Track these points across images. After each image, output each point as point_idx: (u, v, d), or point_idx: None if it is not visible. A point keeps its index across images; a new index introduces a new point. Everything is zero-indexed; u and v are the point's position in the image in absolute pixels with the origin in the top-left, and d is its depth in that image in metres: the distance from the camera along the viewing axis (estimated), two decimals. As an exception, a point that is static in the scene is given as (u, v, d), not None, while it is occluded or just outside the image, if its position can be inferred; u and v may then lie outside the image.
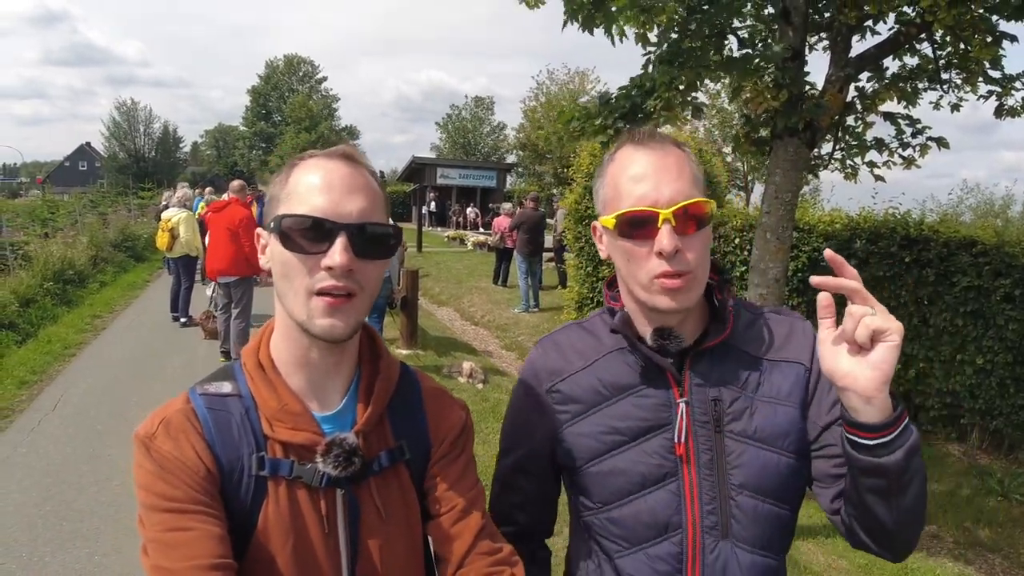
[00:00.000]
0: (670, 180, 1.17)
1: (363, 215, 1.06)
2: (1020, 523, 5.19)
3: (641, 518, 1.23)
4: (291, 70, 64.96)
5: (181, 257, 10.12)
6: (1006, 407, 6.16)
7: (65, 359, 8.20)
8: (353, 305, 1.06)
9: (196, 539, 0.98)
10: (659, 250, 1.14)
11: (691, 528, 1.21)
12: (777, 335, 1.29)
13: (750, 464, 1.21)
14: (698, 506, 1.21)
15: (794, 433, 1.23)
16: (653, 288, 1.18)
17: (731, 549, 1.21)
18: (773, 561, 1.25)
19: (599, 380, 1.29)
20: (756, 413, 1.23)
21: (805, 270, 7.19)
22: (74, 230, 15.88)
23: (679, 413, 1.22)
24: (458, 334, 10.97)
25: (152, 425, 1.07)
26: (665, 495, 1.22)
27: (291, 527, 1.07)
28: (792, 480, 1.23)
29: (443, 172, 35.47)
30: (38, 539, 4.10)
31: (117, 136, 62.74)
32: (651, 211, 1.15)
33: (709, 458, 1.22)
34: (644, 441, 1.24)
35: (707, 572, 1.21)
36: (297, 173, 1.10)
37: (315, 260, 1.03)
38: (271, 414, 1.09)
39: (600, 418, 1.27)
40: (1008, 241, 6.18)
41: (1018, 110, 4.18)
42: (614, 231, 1.20)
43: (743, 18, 4.23)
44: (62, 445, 5.53)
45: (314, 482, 1.08)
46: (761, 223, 4.20)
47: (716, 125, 29.97)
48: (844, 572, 4.22)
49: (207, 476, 1.04)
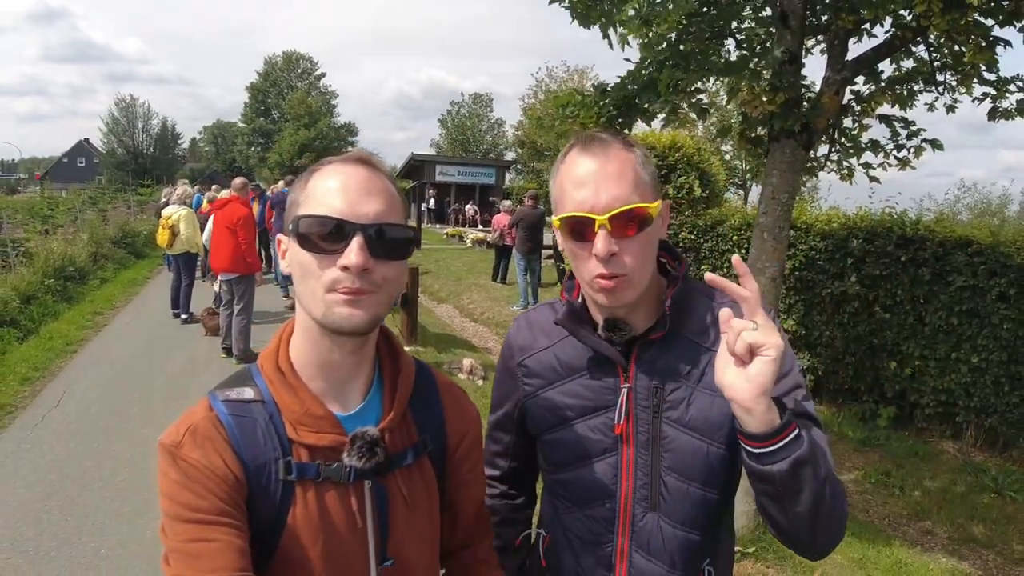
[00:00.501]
0: (608, 187, 1.23)
1: (379, 216, 1.08)
2: (1014, 520, 5.23)
3: (582, 483, 1.38)
4: (290, 67, 64.87)
5: (182, 254, 10.16)
6: (1001, 405, 6.20)
7: (67, 356, 8.25)
8: (373, 298, 1.08)
9: (219, 550, 0.99)
10: (595, 253, 1.22)
11: (623, 498, 1.35)
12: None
13: (680, 450, 1.31)
14: (632, 480, 1.34)
15: (727, 426, 1.27)
16: (593, 286, 1.27)
17: (657, 521, 1.33)
18: (696, 537, 1.34)
19: (556, 359, 1.42)
20: (693, 404, 1.31)
21: (802, 268, 7.26)
22: (74, 227, 15.90)
23: (621, 397, 1.34)
24: (458, 331, 11.03)
25: (178, 433, 1.07)
26: (604, 467, 1.36)
27: (320, 525, 1.10)
28: (720, 468, 1.31)
29: (442, 169, 35.51)
30: (44, 534, 4.15)
31: (116, 132, 62.61)
32: (588, 216, 1.22)
33: (646, 439, 1.33)
34: (589, 419, 1.37)
35: (635, 537, 1.35)
36: (316, 178, 1.12)
37: (332, 260, 1.06)
38: (294, 419, 1.11)
39: (554, 394, 1.41)
40: (1003, 241, 6.23)
41: (1012, 112, 4.23)
42: (561, 231, 1.29)
43: (742, 21, 4.28)
44: (66, 441, 5.58)
45: (343, 478, 1.11)
46: (758, 223, 4.25)
47: (715, 123, 30.01)
48: (838, 566, 4.28)
49: (235, 484, 1.05)
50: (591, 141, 1.29)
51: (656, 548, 1.34)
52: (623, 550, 1.36)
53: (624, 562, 1.36)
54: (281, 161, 54.36)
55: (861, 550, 4.51)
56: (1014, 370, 6.10)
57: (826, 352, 7.24)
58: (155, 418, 6.12)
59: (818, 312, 7.26)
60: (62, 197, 25.29)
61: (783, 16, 3.89)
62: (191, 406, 1.14)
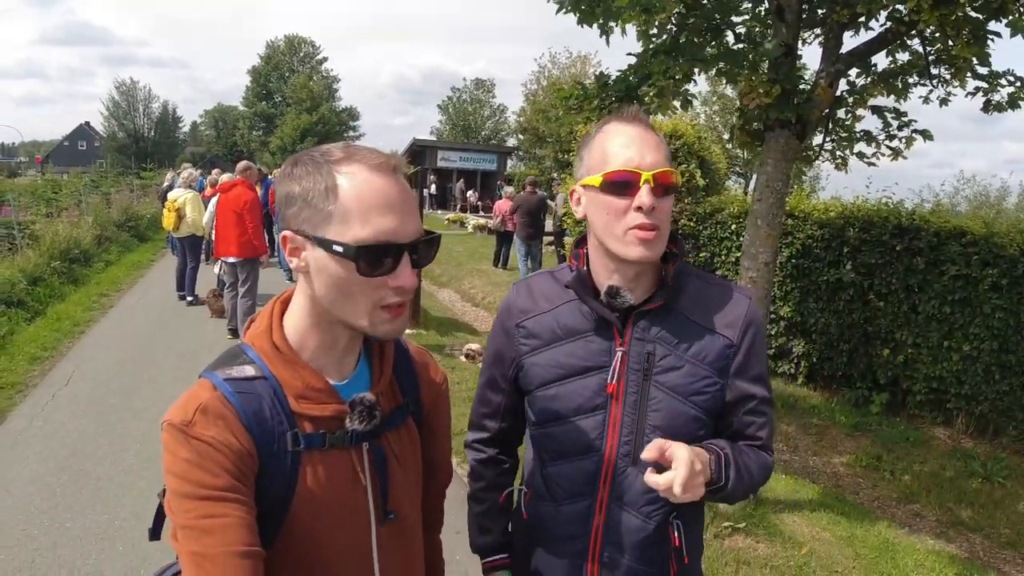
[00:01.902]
0: (651, 150, 1.40)
1: (419, 231, 1.13)
2: (1001, 504, 5.35)
3: (571, 436, 1.51)
4: (292, 50, 64.53)
5: (187, 237, 10.24)
6: (991, 393, 6.32)
7: (75, 336, 8.36)
8: (407, 308, 1.17)
9: (230, 526, 1.02)
10: (639, 205, 1.37)
11: (608, 452, 1.48)
12: (716, 306, 1.51)
13: (665, 410, 1.46)
14: (617, 436, 1.48)
15: (708, 394, 1.47)
16: (628, 239, 1.39)
17: (637, 474, 1.46)
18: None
19: (556, 322, 1.54)
20: (680, 371, 1.46)
21: (799, 256, 7.37)
22: (78, 210, 15.97)
23: (616, 359, 1.47)
24: (459, 315, 11.15)
25: (187, 412, 1.08)
26: (592, 423, 1.49)
27: (328, 490, 1.17)
28: (698, 429, 1.48)
29: (443, 155, 35.52)
30: (59, 505, 4.27)
31: (116, 116, 62.49)
32: (635, 172, 1.37)
33: (635, 400, 1.47)
34: (584, 377, 1.49)
35: (615, 489, 1.49)
36: (347, 187, 1.08)
37: (381, 280, 1.09)
38: (296, 393, 1.16)
39: (552, 354, 1.53)
40: (997, 232, 6.33)
41: (1004, 105, 4.32)
42: (599, 188, 1.41)
43: (740, 14, 4.36)
44: (77, 418, 5.70)
45: (345, 443, 1.19)
46: (752, 210, 4.36)
47: (717, 112, 30.02)
48: (827, 543, 4.41)
49: (248, 460, 1.09)
50: (630, 115, 1.46)
51: (632, 500, 1.49)
52: (603, 501, 1.50)
53: (603, 512, 1.51)
54: (283, 146, 54.21)
55: (849, 529, 4.64)
56: (1004, 359, 6.21)
57: (821, 339, 7.36)
58: (165, 396, 6.23)
59: (814, 299, 7.38)
60: (63, 180, 25.26)
61: (779, 10, 3.99)
62: (189, 388, 1.17)
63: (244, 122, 65.63)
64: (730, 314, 1.49)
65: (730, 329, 1.48)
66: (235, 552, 1.00)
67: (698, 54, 3.87)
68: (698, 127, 9.64)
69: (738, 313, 1.49)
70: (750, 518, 4.50)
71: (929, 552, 4.51)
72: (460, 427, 2.01)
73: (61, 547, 3.86)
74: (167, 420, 1.09)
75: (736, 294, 1.54)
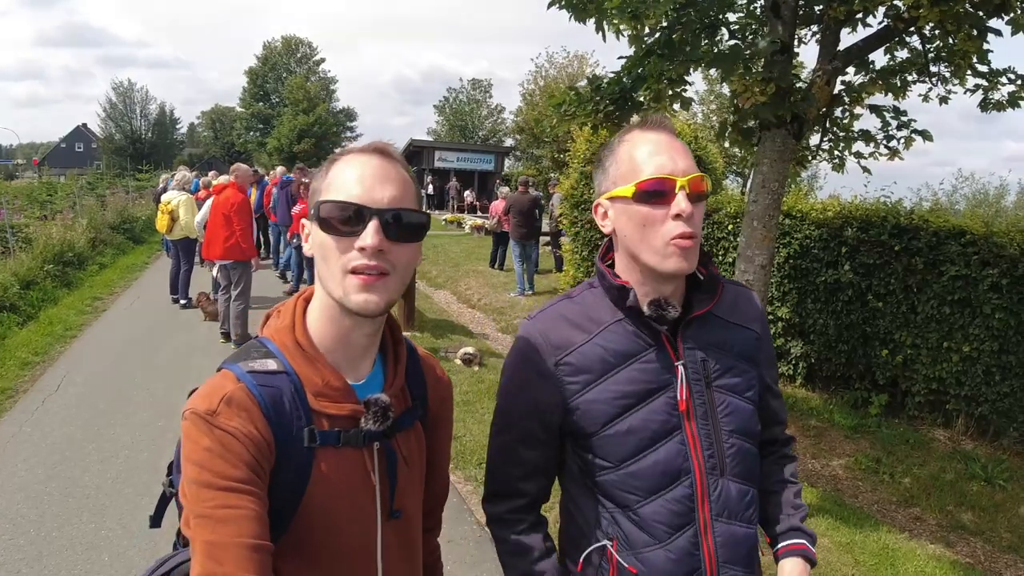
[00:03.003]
0: (682, 156, 1.36)
1: (394, 202, 1.17)
2: (1002, 508, 5.28)
3: (658, 469, 1.39)
4: (289, 52, 64.37)
5: (181, 239, 10.21)
6: (991, 394, 6.25)
7: (67, 340, 8.30)
8: (386, 283, 1.16)
9: (244, 517, 1.04)
10: (677, 212, 1.31)
11: (698, 471, 1.40)
12: (736, 303, 1.52)
13: (735, 413, 1.44)
14: (701, 452, 1.41)
15: (755, 387, 1.50)
16: (667, 251, 1.34)
17: (727, 484, 1.42)
18: (754, 488, 1.49)
19: (604, 350, 1.41)
20: (732, 369, 1.46)
21: (797, 257, 7.31)
22: (73, 212, 15.90)
23: (679, 374, 1.40)
24: (455, 317, 11.08)
25: (212, 402, 1.10)
26: (674, 446, 1.40)
27: (338, 487, 1.20)
28: (755, 425, 1.49)
29: (441, 155, 35.47)
30: (45, 515, 4.22)
31: (114, 117, 62.18)
32: (670, 178, 1.32)
33: (704, 411, 1.42)
34: (652, 401, 1.40)
35: (714, 506, 1.41)
36: (336, 167, 1.21)
37: (350, 242, 1.14)
38: (315, 390, 1.19)
39: (610, 384, 1.40)
40: (996, 231, 6.26)
41: (1004, 104, 4.26)
42: (631, 199, 1.36)
43: (735, 11, 4.30)
44: (66, 424, 5.64)
45: (359, 442, 1.21)
46: (748, 211, 4.29)
47: (714, 111, 29.96)
48: (826, 550, 4.35)
49: (266, 453, 1.11)
50: (655, 121, 1.42)
51: (733, 509, 1.43)
52: (707, 521, 1.41)
53: (709, 532, 1.41)
54: (280, 147, 54.13)
55: (849, 535, 4.58)
56: (1005, 360, 6.14)
57: (819, 340, 7.30)
58: (155, 403, 6.18)
59: (812, 300, 7.31)
60: (60, 182, 25.19)
61: (775, 6, 3.92)
62: (211, 377, 1.18)
63: (241, 123, 65.52)
64: (750, 308, 1.54)
65: (755, 322, 1.52)
66: (248, 544, 1.02)
67: (692, 53, 3.80)
68: (695, 126, 9.58)
69: (755, 305, 1.56)
70: (748, 524, 4.43)
71: (930, 558, 4.45)
72: (456, 432, 1.96)
73: (47, 556, 3.81)
74: (190, 408, 1.11)
75: (746, 289, 1.59)
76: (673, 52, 3.81)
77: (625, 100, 4.15)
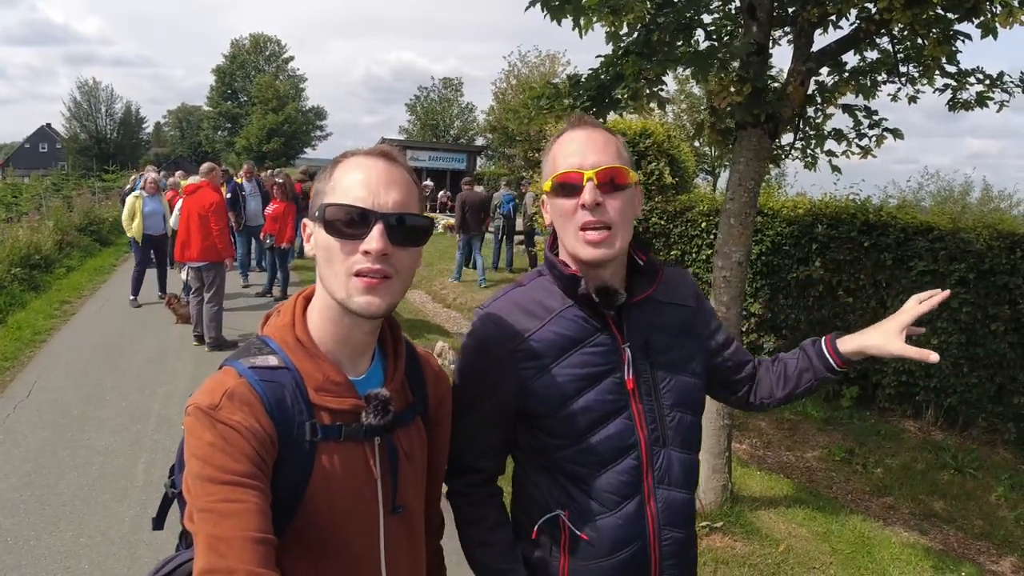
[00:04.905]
0: (595, 151, 1.45)
1: (398, 206, 1.19)
2: (973, 496, 5.41)
3: (609, 444, 1.51)
4: (257, 50, 63.65)
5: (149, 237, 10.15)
6: (959, 386, 6.40)
7: (36, 345, 8.13)
8: (389, 286, 1.19)
9: (248, 511, 1.04)
10: (582, 202, 1.41)
11: (643, 444, 1.52)
12: (672, 283, 1.64)
13: (676, 388, 1.57)
14: (645, 426, 1.52)
15: (695, 359, 1.62)
16: (578, 240, 1.45)
17: (669, 454, 1.55)
18: (695, 457, 1.62)
19: (557, 335, 1.50)
20: (673, 347, 1.58)
21: (769, 253, 7.42)
22: (39, 214, 15.58)
23: (625, 357, 1.52)
24: (430, 316, 11.07)
25: (214, 397, 1.12)
26: (622, 422, 1.51)
27: (340, 481, 1.21)
28: (697, 395, 1.63)
29: (413, 154, 35.21)
30: (22, 523, 4.15)
31: (78, 117, 60.89)
32: (578, 172, 1.43)
33: (647, 388, 1.54)
34: (602, 382, 1.50)
35: (657, 475, 1.54)
36: (340, 170, 1.23)
37: (354, 245, 1.16)
38: (316, 385, 1.20)
39: (563, 368, 1.50)
40: (963, 227, 6.42)
41: (971, 104, 4.36)
42: (551, 193, 1.49)
43: (711, 12, 4.36)
44: (39, 431, 5.54)
45: (360, 437, 1.23)
46: (725, 209, 4.36)
47: (685, 110, 30.20)
48: (803, 539, 4.43)
49: (269, 447, 1.12)
50: (581, 120, 1.53)
51: (674, 477, 1.56)
52: (650, 488, 1.53)
53: (652, 498, 1.54)
54: (249, 146, 53.53)
55: (825, 524, 4.67)
56: (972, 352, 6.29)
57: (791, 335, 7.41)
58: (129, 407, 6.10)
59: (784, 296, 7.43)
60: (25, 184, 24.65)
61: (751, 8, 3.98)
62: (213, 374, 1.20)
63: (208, 122, 64.66)
64: (684, 286, 1.66)
65: (689, 298, 1.65)
66: (252, 538, 1.02)
67: (670, 54, 3.85)
68: (667, 126, 9.66)
69: (689, 283, 1.69)
70: (727, 517, 4.51)
71: (904, 545, 4.55)
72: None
73: (25, 567, 3.75)
74: (193, 403, 1.12)
75: (681, 270, 1.72)
76: (652, 52, 3.86)
77: (603, 97, 4.18)
